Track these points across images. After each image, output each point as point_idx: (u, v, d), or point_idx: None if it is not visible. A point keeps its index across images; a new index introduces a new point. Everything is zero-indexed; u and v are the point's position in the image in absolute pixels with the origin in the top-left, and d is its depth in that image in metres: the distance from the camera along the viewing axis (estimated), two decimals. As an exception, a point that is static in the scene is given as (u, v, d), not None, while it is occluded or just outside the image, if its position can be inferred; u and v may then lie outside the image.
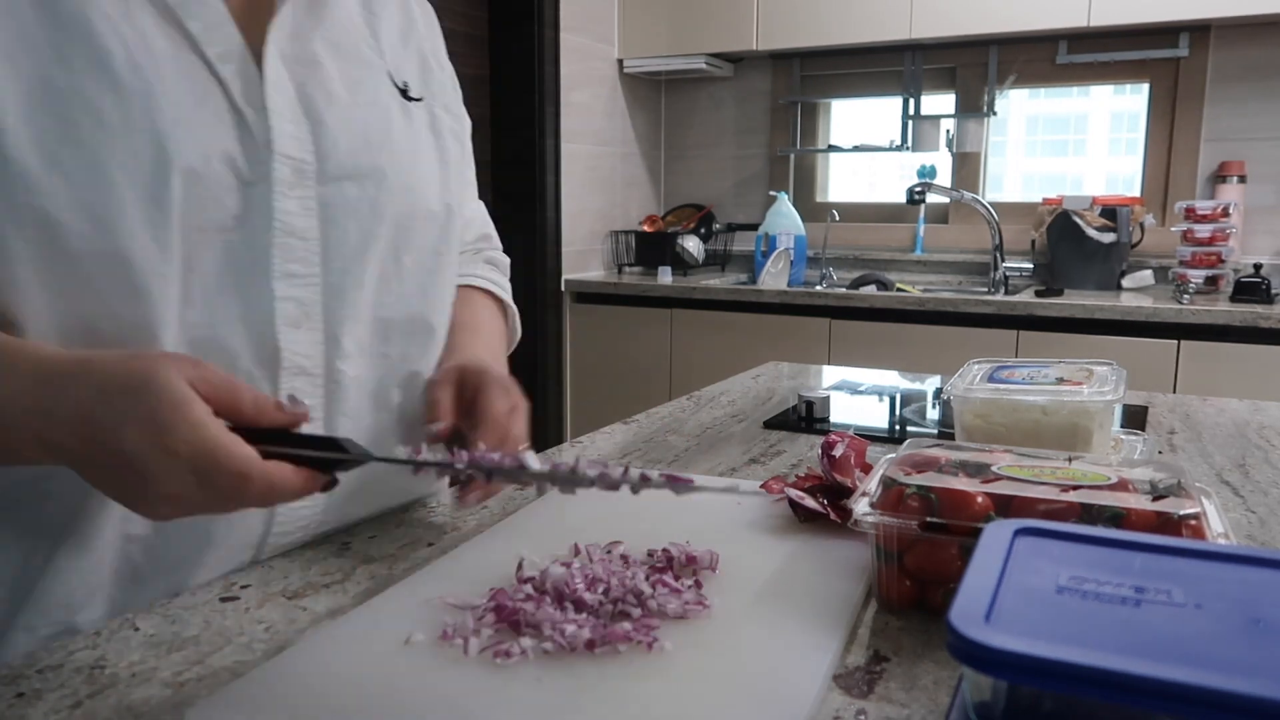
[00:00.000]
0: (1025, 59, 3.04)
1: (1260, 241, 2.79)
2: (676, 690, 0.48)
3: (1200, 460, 0.98)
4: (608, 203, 3.32)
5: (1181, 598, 0.39)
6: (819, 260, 3.20)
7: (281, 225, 0.66)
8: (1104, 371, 0.88)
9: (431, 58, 0.85)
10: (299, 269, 0.68)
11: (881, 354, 2.66)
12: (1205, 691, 0.32)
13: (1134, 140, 3.03)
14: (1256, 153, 2.78)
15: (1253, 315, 2.31)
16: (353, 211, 0.71)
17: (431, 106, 0.82)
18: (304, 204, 0.68)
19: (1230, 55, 2.78)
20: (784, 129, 3.41)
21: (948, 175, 3.21)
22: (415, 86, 0.81)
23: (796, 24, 3.03)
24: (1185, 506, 0.55)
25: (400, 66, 0.80)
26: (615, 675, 0.50)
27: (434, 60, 0.86)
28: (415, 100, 0.80)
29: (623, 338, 3.03)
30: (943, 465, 0.64)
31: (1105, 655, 0.34)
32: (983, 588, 0.40)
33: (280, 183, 0.66)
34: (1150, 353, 2.40)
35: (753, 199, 3.47)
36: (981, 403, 0.84)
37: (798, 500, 0.73)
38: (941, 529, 0.57)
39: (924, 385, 1.46)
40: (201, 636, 0.57)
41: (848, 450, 0.77)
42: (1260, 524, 0.79)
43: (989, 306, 2.57)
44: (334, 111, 0.71)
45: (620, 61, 3.31)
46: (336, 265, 0.70)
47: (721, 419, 1.16)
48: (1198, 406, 1.25)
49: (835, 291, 2.80)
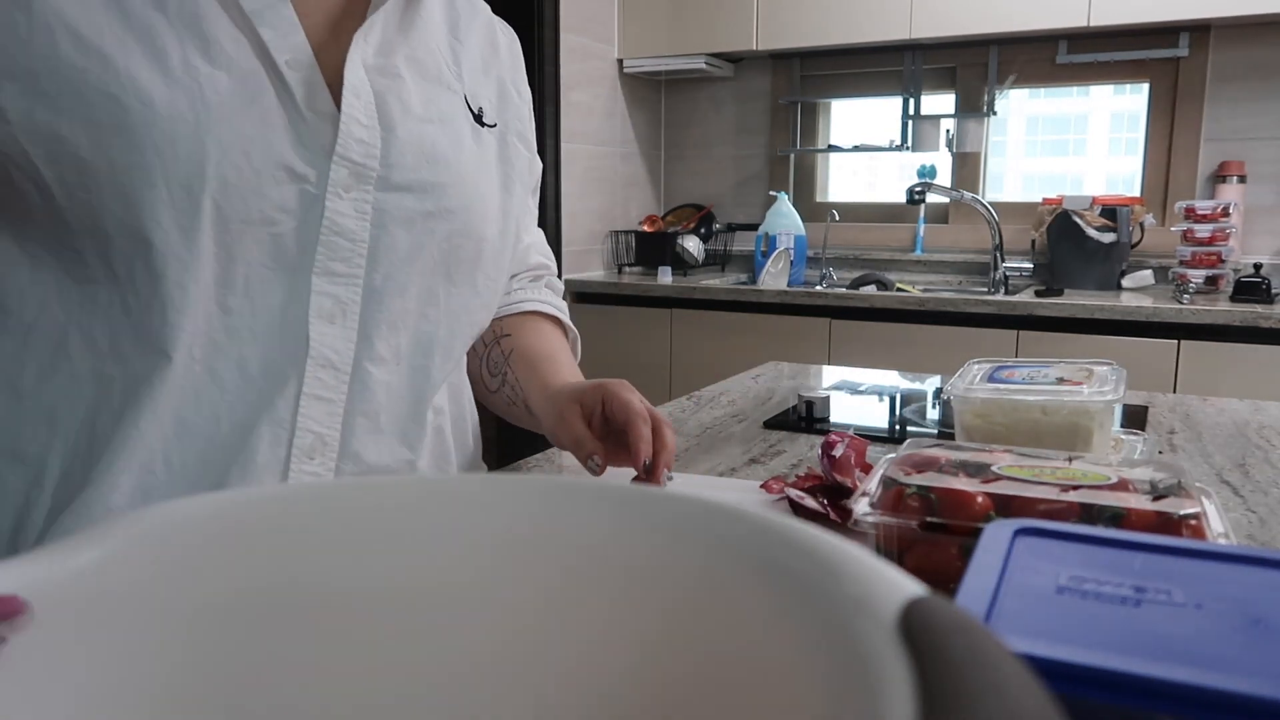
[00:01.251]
0: (1025, 59, 3.04)
1: (1260, 241, 2.79)
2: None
3: (1200, 460, 0.98)
4: (608, 203, 3.32)
5: (1181, 598, 0.39)
6: (819, 260, 3.20)
7: (330, 224, 0.69)
8: (1104, 371, 0.88)
9: (511, 86, 0.87)
10: (341, 268, 0.70)
11: (881, 354, 2.66)
12: (1205, 691, 0.32)
13: (1134, 140, 3.03)
14: (1256, 153, 2.78)
15: (1253, 315, 2.31)
16: (406, 222, 0.73)
17: (505, 134, 0.84)
18: (358, 207, 0.70)
19: (1230, 55, 2.78)
20: (784, 129, 3.41)
21: (948, 175, 3.21)
22: (490, 113, 0.83)
23: (796, 24, 3.02)
24: (1185, 506, 0.55)
25: (477, 92, 0.82)
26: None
27: (514, 89, 0.88)
28: (489, 126, 0.82)
29: (623, 338, 3.03)
30: (943, 465, 0.64)
31: (1105, 655, 0.34)
32: (983, 588, 0.40)
33: (336, 185, 0.69)
34: (1150, 353, 2.40)
35: (753, 199, 3.47)
36: (981, 403, 0.84)
37: (798, 500, 0.73)
38: (941, 529, 0.57)
39: (924, 385, 1.46)
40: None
41: (848, 450, 0.77)
42: (1260, 524, 0.79)
43: (989, 306, 2.57)
44: (407, 124, 0.73)
45: (620, 61, 3.31)
46: (381, 270, 0.72)
47: (721, 419, 1.16)
48: (1198, 406, 1.25)
49: (835, 291, 2.80)
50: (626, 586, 0.29)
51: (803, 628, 0.25)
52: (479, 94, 0.82)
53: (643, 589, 0.29)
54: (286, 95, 0.68)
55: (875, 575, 0.24)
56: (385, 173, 0.71)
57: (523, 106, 0.89)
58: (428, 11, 0.79)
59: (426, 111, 0.75)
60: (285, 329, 0.69)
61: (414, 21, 0.77)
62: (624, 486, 0.31)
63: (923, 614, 0.22)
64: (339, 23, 0.73)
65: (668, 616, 0.29)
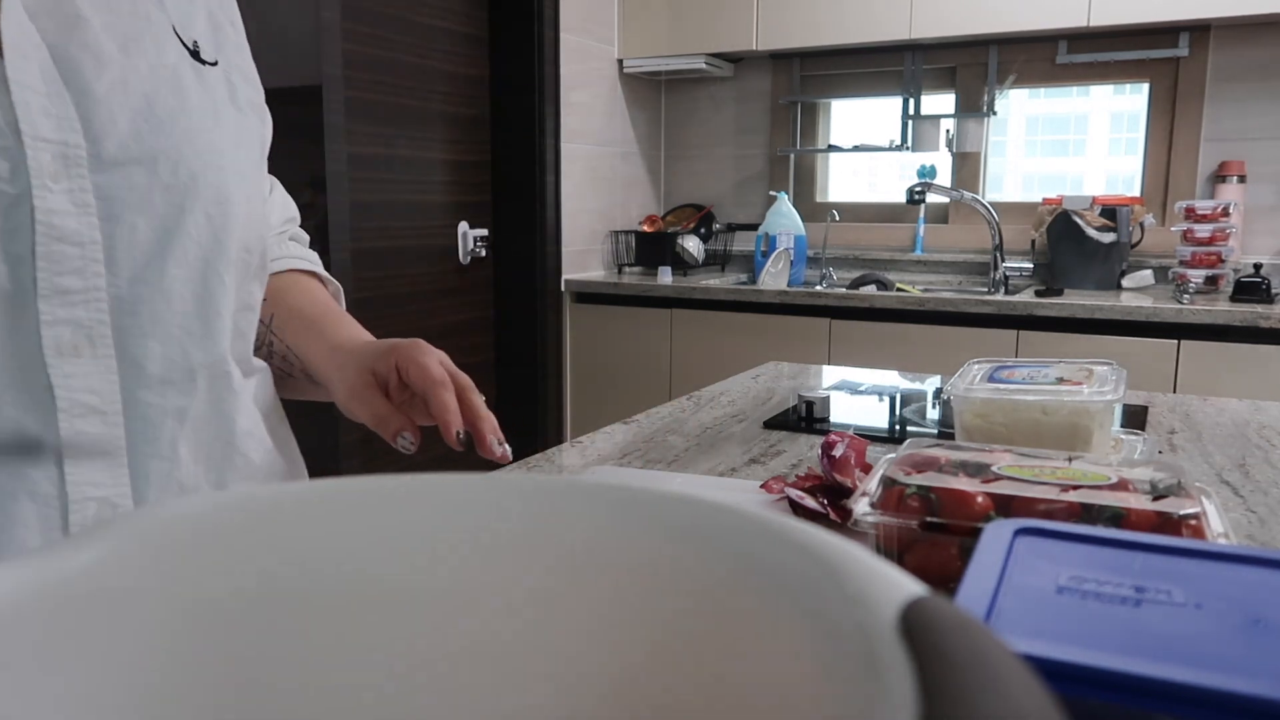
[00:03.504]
0: (1025, 59, 3.04)
1: (1260, 241, 2.79)
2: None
3: (1200, 460, 0.98)
4: (608, 203, 3.32)
5: (1181, 598, 0.39)
6: (819, 260, 3.20)
7: (46, 229, 0.53)
8: (1104, 371, 0.88)
9: (221, 13, 0.69)
10: (74, 283, 0.54)
11: (881, 354, 2.66)
12: (1205, 691, 0.32)
13: (1134, 140, 3.03)
14: (1256, 153, 2.78)
15: (1253, 315, 2.31)
16: (142, 204, 0.57)
17: (228, 73, 0.67)
18: (75, 199, 0.54)
19: (1230, 55, 2.78)
20: (784, 129, 3.41)
21: (948, 175, 3.21)
22: (208, 49, 0.65)
23: (796, 24, 3.03)
24: (1185, 506, 0.55)
25: (188, 23, 0.64)
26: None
27: (224, 17, 0.70)
28: (209, 64, 0.65)
29: (623, 338, 3.03)
30: (943, 465, 0.64)
31: (1105, 655, 0.34)
32: (983, 588, 0.40)
33: (39, 173, 0.52)
34: (1150, 353, 2.40)
35: (753, 199, 3.47)
36: (981, 403, 0.84)
37: (798, 500, 0.73)
38: (941, 529, 0.57)
39: (924, 385, 1.46)
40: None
41: (848, 450, 0.77)
42: (1260, 524, 0.79)
43: (989, 306, 2.57)
44: (106, 77, 0.56)
45: (620, 61, 3.31)
46: (125, 274, 0.57)
47: (721, 419, 1.16)
48: (1198, 406, 1.25)
49: (835, 291, 2.80)
50: (624, 587, 0.29)
51: (803, 627, 0.25)
52: (190, 24, 0.64)
53: (641, 589, 0.29)
54: None
55: (876, 575, 0.24)
56: (95, 147, 0.55)
57: (241, 41, 0.71)
58: None
59: (129, 57, 0.57)
60: (16, 379, 0.53)
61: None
62: (621, 486, 0.31)
63: (923, 613, 0.22)
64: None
65: (666, 617, 0.29)
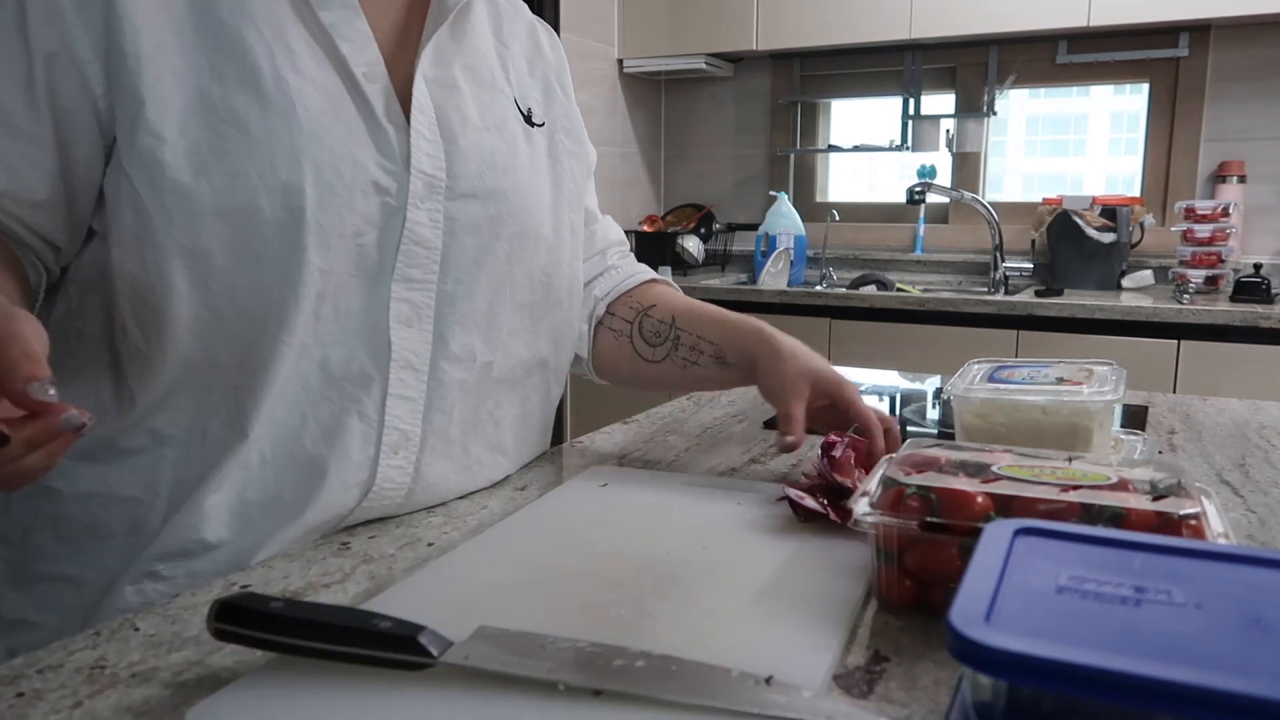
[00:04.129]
0: (1025, 59, 3.04)
1: (1260, 241, 2.79)
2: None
3: (1200, 460, 0.98)
4: (608, 203, 3.32)
5: (1181, 598, 0.39)
6: (819, 260, 3.20)
7: (410, 234, 0.73)
8: (1104, 371, 0.88)
9: (556, 84, 0.92)
10: (417, 274, 0.74)
11: (881, 354, 2.66)
12: (1205, 691, 0.32)
13: (1134, 140, 3.03)
14: (1256, 153, 2.78)
15: (1253, 315, 2.31)
16: (473, 227, 0.77)
17: (553, 132, 0.89)
18: (432, 216, 0.74)
19: (1230, 55, 2.78)
20: (784, 129, 3.41)
21: (948, 175, 3.21)
22: (538, 112, 0.87)
23: (796, 24, 3.02)
24: (1185, 506, 0.55)
25: (525, 93, 0.86)
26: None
27: (559, 86, 0.92)
28: (537, 125, 0.86)
29: (623, 338, 3.02)
30: (943, 465, 0.64)
31: (1105, 655, 0.34)
32: (983, 588, 0.40)
33: (414, 195, 0.73)
34: (1150, 353, 2.40)
35: (753, 199, 3.47)
36: (981, 403, 0.83)
37: (798, 500, 0.73)
38: (941, 529, 0.57)
39: (924, 385, 1.46)
40: (201, 636, 0.57)
41: (848, 450, 0.77)
42: (1260, 524, 0.79)
43: (989, 306, 2.57)
44: (467, 134, 0.77)
45: (620, 61, 3.31)
46: (452, 275, 0.76)
47: (721, 419, 1.16)
48: (1198, 406, 1.25)
49: (835, 291, 2.80)
50: None
51: None
52: (527, 94, 0.86)
53: None
54: (365, 108, 0.71)
55: None
56: (451, 182, 0.75)
57: (568, 103, 0.93)
58: (476, 17, 0.82)
59: (483, 120, 0.79)
60: (366, 334, 0.72)
61: (465, 29, 0.80)
62: None
63: None
64: (403, 34, 0.76)
65: None
